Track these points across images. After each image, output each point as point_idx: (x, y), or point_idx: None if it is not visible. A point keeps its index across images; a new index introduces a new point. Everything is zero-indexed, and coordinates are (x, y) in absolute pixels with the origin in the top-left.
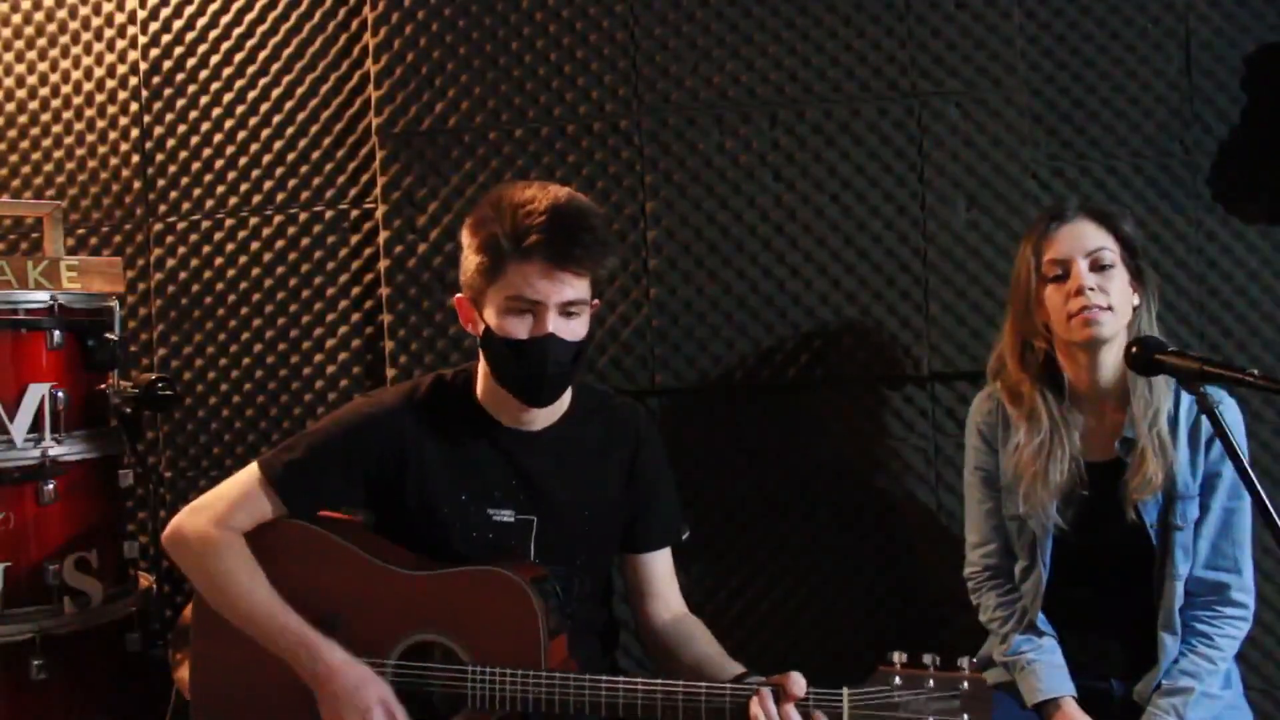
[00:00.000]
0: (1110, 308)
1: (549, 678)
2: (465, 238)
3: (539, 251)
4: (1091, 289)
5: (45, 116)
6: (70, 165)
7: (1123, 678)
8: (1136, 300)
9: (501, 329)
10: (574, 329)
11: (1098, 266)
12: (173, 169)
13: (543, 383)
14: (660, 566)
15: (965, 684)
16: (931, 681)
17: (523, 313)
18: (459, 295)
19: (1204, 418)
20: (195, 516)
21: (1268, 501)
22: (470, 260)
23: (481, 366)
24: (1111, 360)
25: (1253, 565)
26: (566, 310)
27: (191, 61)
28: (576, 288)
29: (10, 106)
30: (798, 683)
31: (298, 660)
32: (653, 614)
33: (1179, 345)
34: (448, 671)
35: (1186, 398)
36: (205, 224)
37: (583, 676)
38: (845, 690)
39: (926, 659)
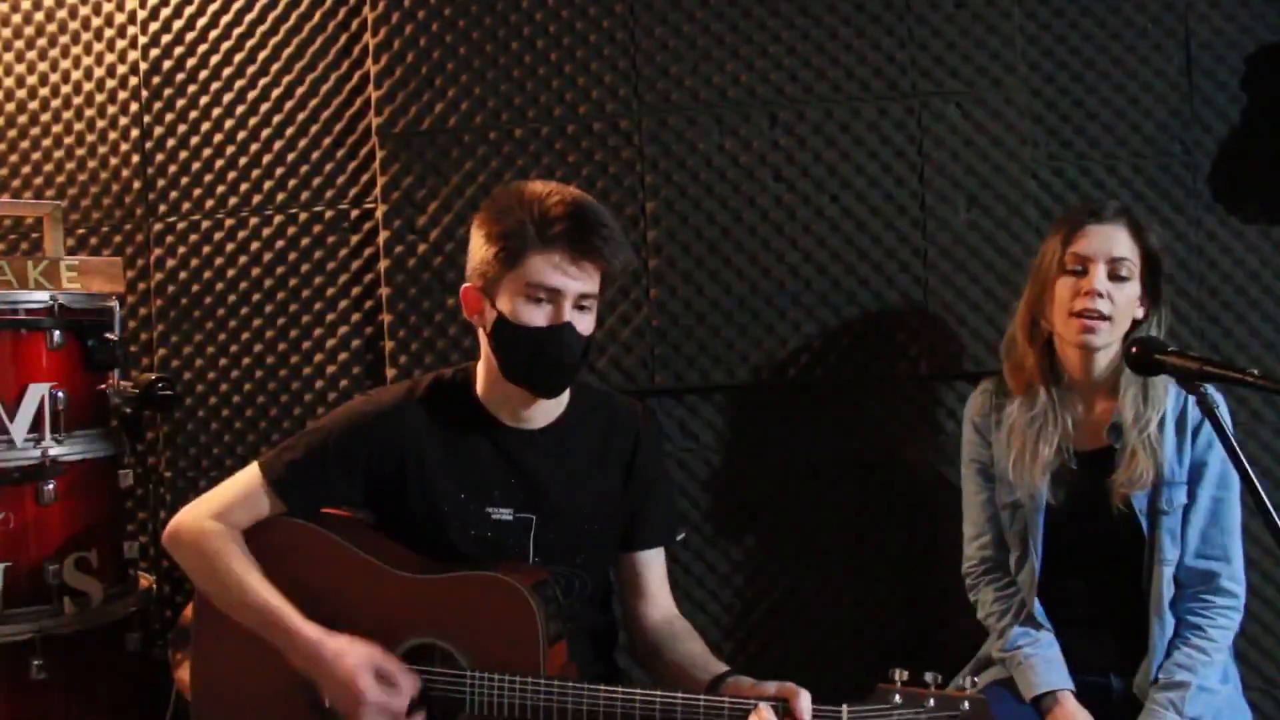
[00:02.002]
0: (1110, 318)
1: (547, 685)
2: (479, 227)
3: (563, 240)
4: (1101, 295)
5: (45, 116)
6: (70, 165)
7: (1120, 672)
8: (1140, 314)
9: (517, 316)
10: (585, 323)
11: (1115, 276)
12: (173, 169)
13: (556, 373)
14: (653, 566)
15: (966, 704)
16: (932, 700)
17: (540, 301)
18: (465, 285)
19: (1190, 407)
20: (193, 512)
21: (1268, 502)
22: (483, 249)
23: (482, 364)
24: (1104, 361)
25: (1243, 556)
26: (580, 303)
27: (191, 61)
28: (593, 280)
29: (10, 106)
30: (805, 703)
31: (287, 648)
32: (642, 614)
33: (1179, 345)
34: (447, 675)
35: (1172, 388)
36: (205, 224)
37: (581, 685)
38: (844, 707)
39: (928, 677)
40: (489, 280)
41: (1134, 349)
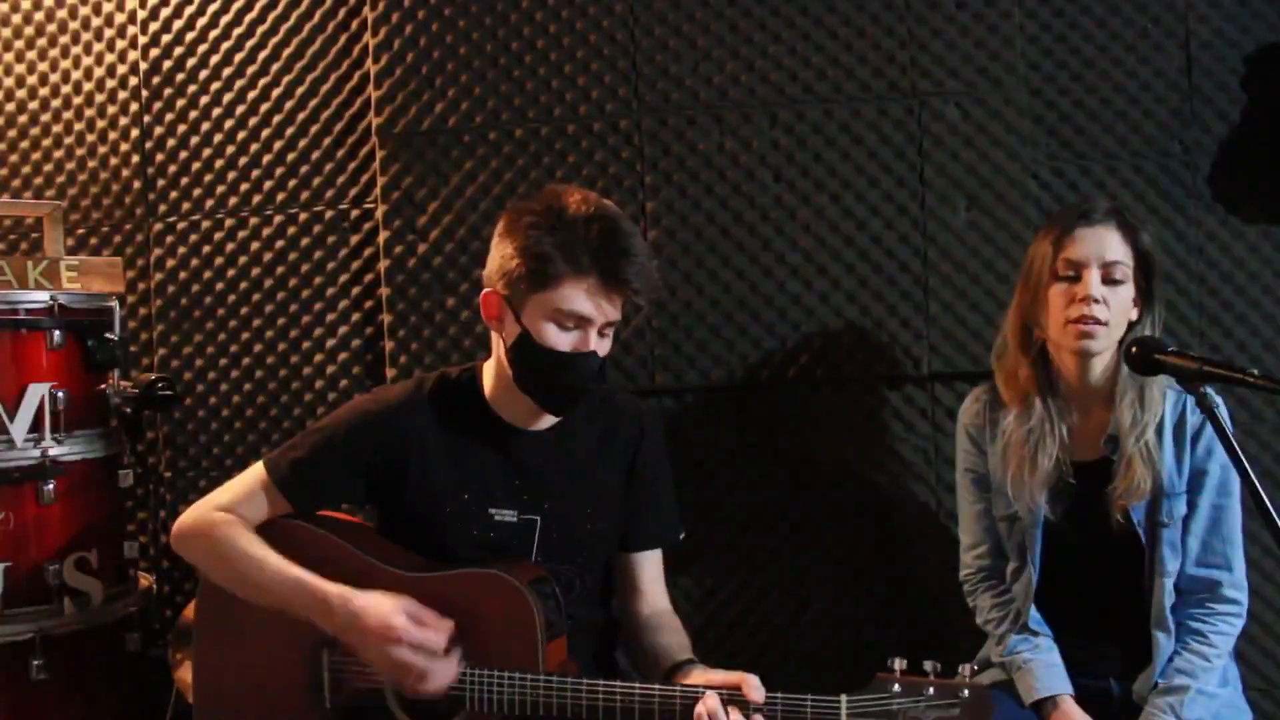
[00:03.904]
0: (1107, 323)
1: (546, 680)
2: (508, 235)
3: (597, 271)
4: (1097, 301)
5: (45, 116)
6: (70, 165)
7: (1120, 676)
8: (1135, 315)
9: (542, 337)
10: (605, 346)
11: (1109, 280)
12: (173, 169)
13: (576, 396)
14: (650, 566)
15: (965, 691)
16: (931, 689)
17: (568, 326)
18: (488, 290)
19: (1189, 415)
20: (198, 509)
21: (1268, 502)
22: (512, 261)
23: (492, 366)
24: (1100, 366)
25: (1244, 562)
26: (603, 329)
27: (191, 61)
28: (619, 309)
29: (10, 106)
30: (754, 683)
31: (317, 614)
32: (634, 609)
33: (1179, 345)
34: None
35: (1171, 395)
36: (205, 224)
37: (580, 680)
38: (843, 697)
39: (927, 666)
40: (515, 294)
41: (1133, 349)
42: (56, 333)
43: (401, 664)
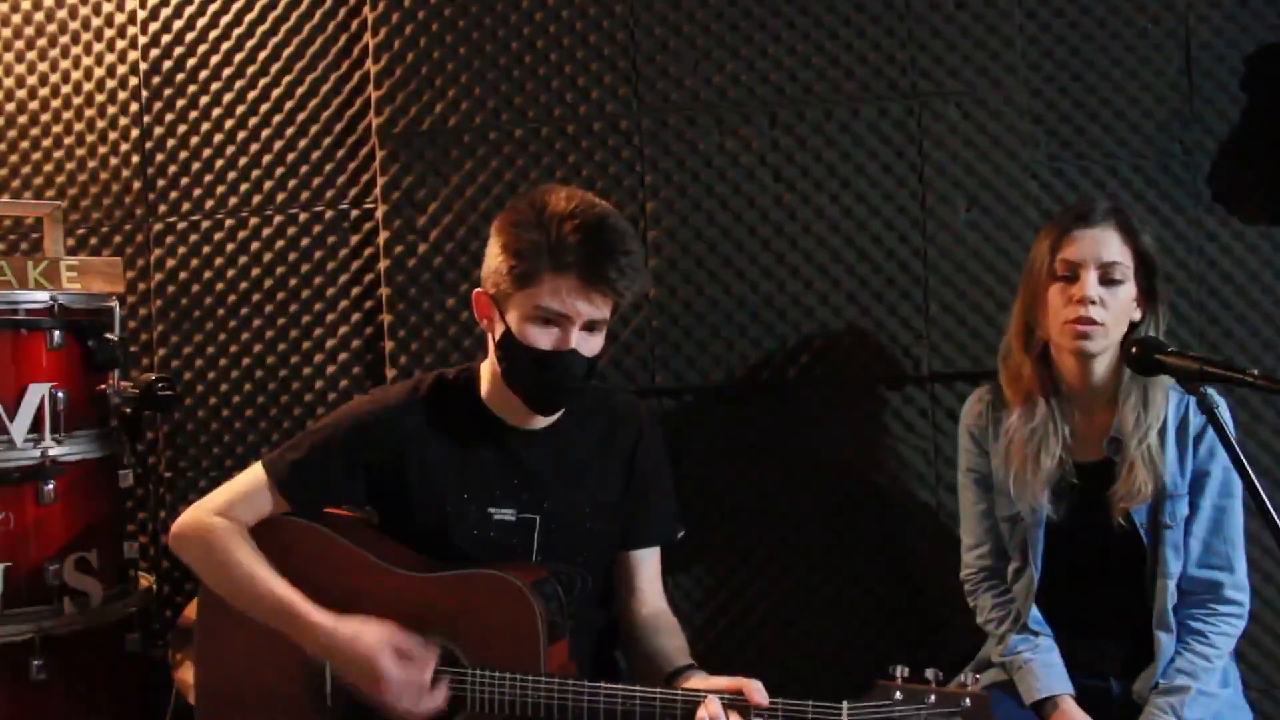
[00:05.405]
0: (1104, 324)
1: (548, 682)
2: (497, 235)
3: (577, 268)
4: (1094, 301)
5: (45, 116)
6: (70, 165)
7: (1121, 676)
8: (1138, 315)
9: (524, 335)
10: (593, 345)
11: (1107, 280)
12: (173, 169)
13: (556, 395)
14: (647, 565)
15: (967, 700)
16: (933, 697)
17: (548, 323)
18: (478, 290)
19: (1191, 416)
20: (197, 511)
21: (1268, 502)
22: (499, 260)
23: (488, 365)
24: (1101, 367)
25: (1246, 562)
26: (588, 325)
27: (191, 61)
28: (603, 308)
29: (10, 106)
30: (757, 687)
31: (300, 636)
32: (632, 609)
33: (1179, 345)
34: (448, 673)
35: (1174, 396)
36: (205, 224)
37: (581, 682)
38: (845, 704)
39: (929, 674)
40: (500, 292)
41: (1134, 349)
42: (56, 333)
43: (385, 702)
